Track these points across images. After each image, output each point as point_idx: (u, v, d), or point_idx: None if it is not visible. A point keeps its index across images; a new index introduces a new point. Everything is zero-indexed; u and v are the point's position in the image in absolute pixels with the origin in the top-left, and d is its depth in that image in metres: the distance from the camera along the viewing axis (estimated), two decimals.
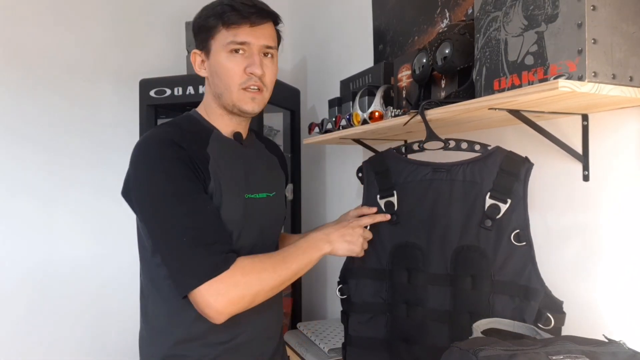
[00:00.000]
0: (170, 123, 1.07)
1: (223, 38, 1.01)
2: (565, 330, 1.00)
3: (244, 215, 1.05)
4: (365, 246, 1.09)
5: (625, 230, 0.98)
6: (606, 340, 0.74)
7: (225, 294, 0.89)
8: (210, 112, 1.10)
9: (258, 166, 1.14)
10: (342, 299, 1.17)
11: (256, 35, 1.02)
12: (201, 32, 1.05)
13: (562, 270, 1.10)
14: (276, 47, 1.09)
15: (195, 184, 0.97)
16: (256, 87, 1.04)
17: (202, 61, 1.07)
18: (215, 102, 1.08)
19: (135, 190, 0.98)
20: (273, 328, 1.16)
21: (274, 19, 1.08)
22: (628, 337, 0.96)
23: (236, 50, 1.02)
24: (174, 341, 1.02)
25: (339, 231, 1.06)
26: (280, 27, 1.11)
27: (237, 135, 1.11)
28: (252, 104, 1.05)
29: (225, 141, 1.09)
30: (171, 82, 2.09)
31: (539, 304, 0.94)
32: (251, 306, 0.95)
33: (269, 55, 1.06)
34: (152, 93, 2.12)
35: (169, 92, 2.09)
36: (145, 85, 2.14)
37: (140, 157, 0.99)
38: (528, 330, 0.90)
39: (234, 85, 1.03)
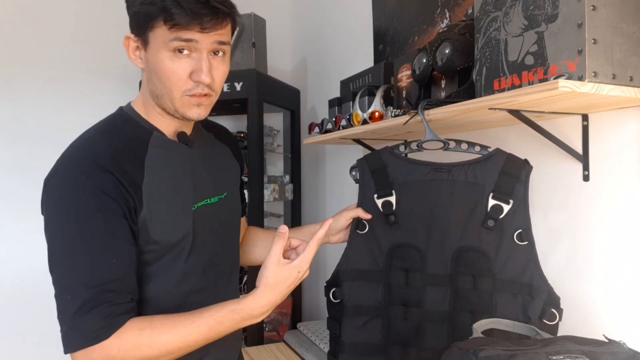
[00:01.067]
0: (101, 129, 0.91)
1: (164, 35, 0.83)
2: (565, 330, 1.01)
3: (193, 229, 0.92)
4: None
5: (625, 230, 0.98)
6: (606, 340, 0.74)
7: None
8: (149, 109, 0.93)
9: (206, 168, 1.01)
10: (333, 304, 1.12)
11: (206, 36, 0.84)
12: (137, 17, 0.84)
13: (562, 270, 1.10)
14: (229, 41, 0.90)
15: (108, 222, 0.81)
16: (203, 94, 0.88)
17: (137, 47, 0.88)
18: (153, 100, 0.91)
19: (45, 222, 0.84)
20: (237, 339, 1.10)
21: (232, 15, 0.87)
22: (628, 337, 0.96)
23: (180, 50, 0.84)
24: None
25: (279, 290, 0.85)
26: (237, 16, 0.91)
27: (181, 136, 0.96)
28: (198, 110, 0.89)
29: (168, 145, 0.93)
30: None
31: (543, 301, 0.96)
32: None
33: (220, 54, 0.88)
34: None
35: None
36: None
37: (53, 181, 0.84)
38: (528, 330, 0.90)
39: (176, 91, 0.86)
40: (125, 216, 0.83)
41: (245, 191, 1.82)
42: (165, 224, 0.89)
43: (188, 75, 0.86)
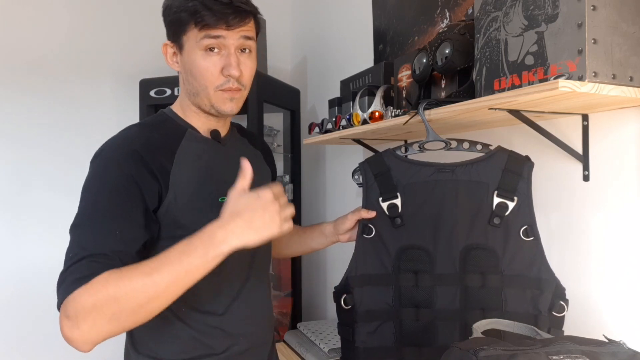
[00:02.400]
0: (142, 124, 1.01)
1: (196, 35, 0.93)
2: (565, 330, 1.01)
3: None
4: (286, 226, 0.85)
5: (625, 230, 0.98)
6: (606, 340, 0.74)
7: (73, 316, 0.75)
8: (186, 109, 1.03)
9: (239, 166, 1.06)
10: (344, 310, 1.12)
11: (232, 34, 0.94)
12: (173, 25, 0.96)
13: (562, 270, 1.09)
14: (255, 38, 1.00)
15: (124, 202, 0.87)
16: (234, 88, 0.98)
17: (174, 53, 0.99)
18: (189, 100, 1.01)
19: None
20: (266, 333, 1.13)
21: (254, 14, 0.98)
22: (628, 337, 0.96)
23: (211, 48, 0.94)
24: (162, 355, 0.97)
25: (243, 217, 0.80)
26: (259, 16, 1.02)
27: (214, 133, 1.04)
28: (231, 105, 0.98)
29: (201, 141, 1.01)
30: (171, 82, 2.09)
31: (552, 294, 0.98)
32: (118, 331, 0.77)
33: (247, 51, 0.98)
34: (152, 93, 2.12)
35: (169, 92, 2.09)
36: (145, 85, 2.14)
37: (92, 163, 0.94)
38: (528, 330, 0.90)
39: (210, 87, 0.96)
40: (146, 205, 0.89)
41: None
42: (192, 212, 0.94)
43: (220, 71, 0.95)
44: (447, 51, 1.07)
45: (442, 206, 1.07)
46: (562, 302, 0.98)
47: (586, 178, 1.04)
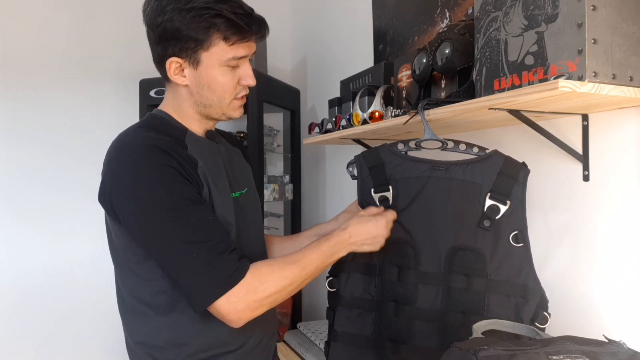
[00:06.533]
0: (143, 126, 0.99)
1: (222, 53, 0.95)
2: (565, 331, 1.01)
3: (235, 216, 1.01)
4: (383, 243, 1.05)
5: (625, 230, 0.98)
6: (606, 340, 0.74)
7: (244, 301, 0.88)
8: (184, 115, 1.03)
9: (231, 163, 1.10)
10: (330, 293, 1.14)
11: (252, 47, 1.00)
12: (187, 41, 0.93)
13: (562, 270, 1.10)
14: None
15: (192, 191, 0.91)
16: (246, 94, 1.03)
17: (182, 69, 0.97)
18: (192, 109, 1.02)
19: (123, 204, 0.91)
20: (273, 325, 1.16)
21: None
22: (628, 337, 0.96)
23: (233, 66, 0.98)
24: (178, 352, 0.98)
25: (363, 233, 1.01)
26: None
27: (210, 133, 1.07)
28: (240, 111, 1.04)
29: (201, 141, 1.03)
30: None
31: (536, 303, 0.96)
32: (269, 308, 0.94)
33: (251, 60, 1.03)
34: (152, 93, 2.12)
35: None
36: (145, 85, 2.15)
37: (125, 166, 0.91)
38: (528, 331, 0.90)
39: (228, 98, 1.00)
40: (197, 190, 0.93)
41: None
42: (217, 205, 0.97)
43: (237, 82, 1.00)
44: (447, 51, 1.07)
45: (433, 203, 1.06)
46: (545, 313, 0.96)
47: (586, 178, 1.04)
